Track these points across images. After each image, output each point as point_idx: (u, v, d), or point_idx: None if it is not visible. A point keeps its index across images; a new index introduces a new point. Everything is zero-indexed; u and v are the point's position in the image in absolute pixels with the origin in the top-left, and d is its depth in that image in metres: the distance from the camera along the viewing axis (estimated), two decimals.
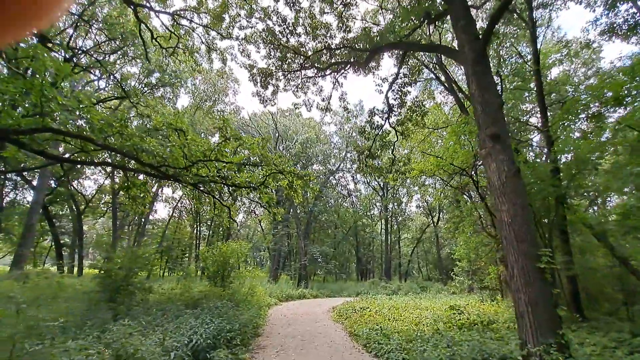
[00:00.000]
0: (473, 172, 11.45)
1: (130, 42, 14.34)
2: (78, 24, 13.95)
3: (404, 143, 13.71)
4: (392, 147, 10.61)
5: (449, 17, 8.11)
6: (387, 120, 10.03)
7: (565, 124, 9.04)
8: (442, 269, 34.35)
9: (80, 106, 7.74)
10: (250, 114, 26.84)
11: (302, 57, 11.16)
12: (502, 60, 12.82)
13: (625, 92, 7.45)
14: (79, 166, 22.85)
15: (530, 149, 14.03)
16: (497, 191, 5.27)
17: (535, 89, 10.74)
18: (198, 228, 35.06)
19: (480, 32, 6.55)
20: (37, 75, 7.05)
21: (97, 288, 8.19)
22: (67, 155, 12.62)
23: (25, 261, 16.96)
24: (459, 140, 10.66)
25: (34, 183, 20.76)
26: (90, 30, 14.63)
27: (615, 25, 10.47)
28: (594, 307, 8.75)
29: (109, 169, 20.86)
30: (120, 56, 16.65)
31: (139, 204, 10.90)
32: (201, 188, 10.90)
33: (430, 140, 15.39)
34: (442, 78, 14.14)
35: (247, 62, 13.54)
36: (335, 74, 11.51)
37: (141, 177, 11.70)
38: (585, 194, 9.66)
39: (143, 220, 24.92)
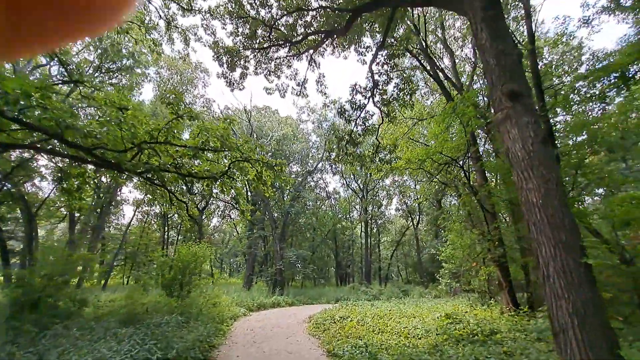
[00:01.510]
0: (463, 163, 10.39)
1: None
2: None
3: (388, 131, 12.44)
4: (376, 132, 9.33)
5: None
6: (371, 99, 8.76)
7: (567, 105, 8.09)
8: (423, 272, 33.65)
9: None
10: (222, 108, 25.02)
11: (273, 29, 9.73)
12: None
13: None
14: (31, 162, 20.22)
15: None
16: (520, 164, 4.03)
17: (530, 69, 9.84)
18: (166, 232, 32.59)
19: None
20: None
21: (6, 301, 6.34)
22: None
23: None
24: (447, 128, 9.57)
25: None
26: None
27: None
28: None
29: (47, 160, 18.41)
30: None
31: (76, 198, 9.03)
32: (150, 178, 9.17)
33: (414, 133, 14.30)
34: (427, 66, 13.15)
35: (211, 40, 11.96)
36: (312, 51, 10.16)
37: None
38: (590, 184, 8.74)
39: (99, 222, 22.34)
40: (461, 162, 10.10)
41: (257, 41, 11.55)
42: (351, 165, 9.74)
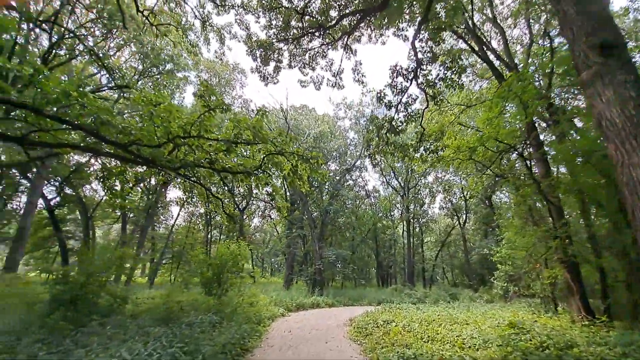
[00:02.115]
0: (522, 150, 9.13)
1: (117, 21, 12.85)
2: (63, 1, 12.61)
3: (432, 120, 11.28)
4: (420, 118, 8.42)
5: None
6: (414, 81, 7.91)
7: None
8: (472, 274, 31.43)
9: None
10: (259, 107, 25.18)
11: (306, 16, 9.25)
12: None
13: None
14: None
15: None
16: (619, 134, 3.10)
17: None
18: (210, 232, 33.67)
19: None
20: None
21: (47, 297, 6.46)
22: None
23: (17, 266, 15.74)
24: (502, 113, 8.40)
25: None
26: (75, 9, 13.32)
27: None
28: None
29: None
30: (106, 38, 15.30)
31: (118, 197, 9.24)
32: (187, 176, 9.11)
33: (461, 122, 13.03)
34: (475, 48, 11.89)
35: (245, 35, 11.80)
36: (347, 37, 9.52)
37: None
38: None
39: (146, 222, 23.45)
40: (520, 150, 8.86)
41: (291, 33, 11.17)
42: (392, 156, 8.91)
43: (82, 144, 8.46)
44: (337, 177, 27.07)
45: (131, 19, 12.84)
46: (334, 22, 8.81)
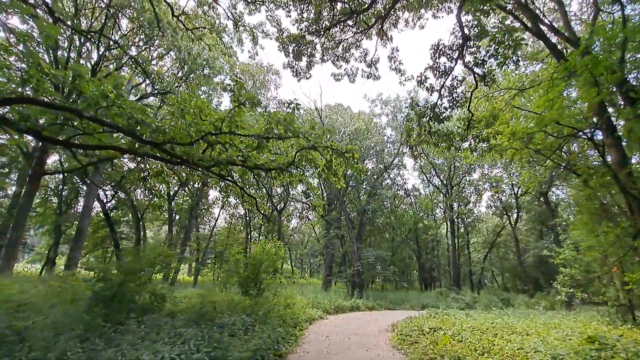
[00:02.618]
0: (592, 135, 7.87)
1: (156, 29, 13.30)
2: (108, 14, 13.29)
3: (479, 107, 10.11)
4: (467, 102, 7.52)
5: None
6: (459, 60, 7.06)
7: None
8: (526, 278, 28.88)
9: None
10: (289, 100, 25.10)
11: (338, 4, 8.77)
12: None
13: None
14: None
15: None
16: None
17: None
18: (249, 233, 34.31)
19: None
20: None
21: (89, 294, 6.60)
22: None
23: (77, 264, 16.93)
24: (563, 93, 7.26)
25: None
26: (118, 20, 14.01)
27: None
28: None
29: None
30: (147, 47, 15.95)
31: (157, 196, 9.45)
32: (222, 175, 9.01)
33: (513, 112, 11.72)
34: (528, 24, 10.60)
35: (276, 31, 11.62)
36: (381, 23, 8.89)
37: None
38: None
39: (189, 223, 24.29)
40: (589, 134, 7.64)
41: (323, 24, 10.79)
42: (436, 147, 8.08)
43: (123, 146, 8.72)
44: (375, 176, 26.21)
45: (168, 26, 13.25)
46: (367, 5, 8.23)
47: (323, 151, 7.98)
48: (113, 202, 25.64)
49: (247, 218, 33.45)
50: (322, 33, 10.57)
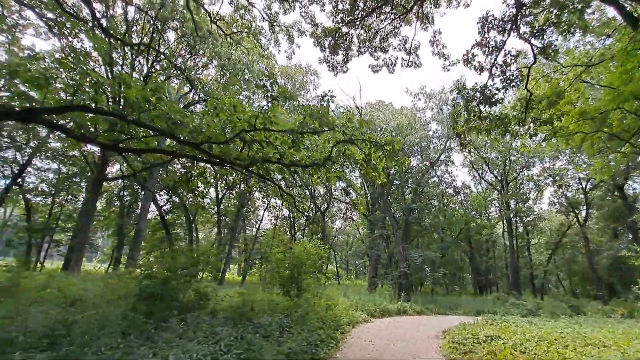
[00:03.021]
0: None
1: (200, 36, 13.82)
2: (155, 28, 14.12)
3: (537, 89, 8.77)
4: (524, 80, 6.53)
5: None
6: (512, 32, 6.15)
7: None
8: (599, 282, 25.56)
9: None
10: (334, 109, 24.86)
11: None
12: None
13: None
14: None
15: None
16: None
17: None
18: (294, 234, 34.68)
19: None
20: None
21: (134, 291, 6.84)
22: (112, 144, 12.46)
23: (135, 263, 18.24)
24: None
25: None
26: (164, 32, 14.82)
27: None
28: None
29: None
30: (191, 56, 16.67)
31: (200, 197, 9.70)
32: (260, 174, 8.97)
33: (580, 89, 10.23)
34: None
35: (311, 28, 11.45)
36: (421, 3, 8.23)
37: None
38: None
39: (235, 225, 25.05)
40: None
41: (359, 14, 10.41)
42: (488, 134, 7.17)
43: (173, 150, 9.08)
44: (420, 174, 24.95)
45: (209, 34, 13.72)
46: None
47: (361, 144, 7.55)
48: (168, 205, 27.51)
49: (291, 219, 33.85)
50: (357, 23, 10.18)
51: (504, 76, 6.49)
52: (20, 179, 19.78)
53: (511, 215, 28.73)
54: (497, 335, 8.08)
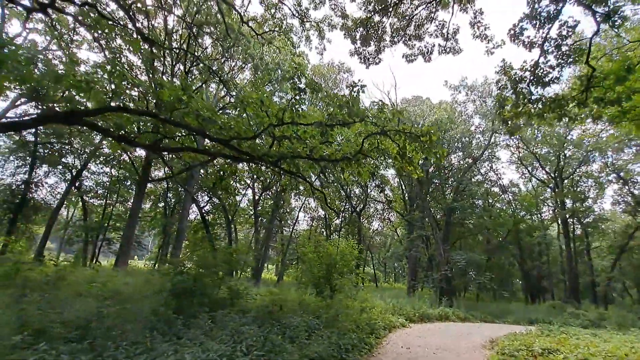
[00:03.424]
0: None
1: (233, 38, 14.04)
2: (191, 33, 14.59)
3: (600, 59, 7.39)
4: (584, 56, 5.57)
5: None
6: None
7: None
8: None
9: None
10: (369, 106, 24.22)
11: None
12: None
13: None
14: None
15: None
16: None
17: None
18: (329, 235, 34.42)
19: None
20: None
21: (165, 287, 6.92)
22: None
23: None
24: None
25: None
26: (200, 37, 15.28)
27: None
28: None
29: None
30: (226, 59, 17.02)
31: (231, 194, 9.74)
32: (291, 172, 8.78)
33: None
34: None
35: (341, 22, 11.15)
36: None
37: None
38: None
39: (271, 225, 25.30)
40: None
41: (391, 1, 9.91)
42: (540, 119, 6.25)
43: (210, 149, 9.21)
44: (462, 171, 23.49)
45: (242, 36, 13.90)
46: None
47: (394, 136, 7.05)
48: (209, 206, 28.59)
49: (327, 220, 33.63)
50: (390, 11, 9.68)
51: (559, 52, 5.61)
52: (78, 182, 21.55)
53: (567, 216, 26.09)
54: (555, 349, 7.13)
